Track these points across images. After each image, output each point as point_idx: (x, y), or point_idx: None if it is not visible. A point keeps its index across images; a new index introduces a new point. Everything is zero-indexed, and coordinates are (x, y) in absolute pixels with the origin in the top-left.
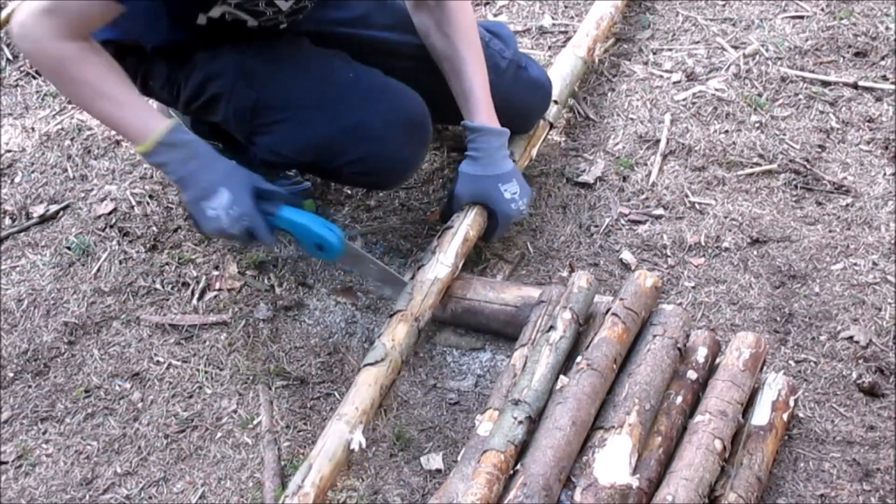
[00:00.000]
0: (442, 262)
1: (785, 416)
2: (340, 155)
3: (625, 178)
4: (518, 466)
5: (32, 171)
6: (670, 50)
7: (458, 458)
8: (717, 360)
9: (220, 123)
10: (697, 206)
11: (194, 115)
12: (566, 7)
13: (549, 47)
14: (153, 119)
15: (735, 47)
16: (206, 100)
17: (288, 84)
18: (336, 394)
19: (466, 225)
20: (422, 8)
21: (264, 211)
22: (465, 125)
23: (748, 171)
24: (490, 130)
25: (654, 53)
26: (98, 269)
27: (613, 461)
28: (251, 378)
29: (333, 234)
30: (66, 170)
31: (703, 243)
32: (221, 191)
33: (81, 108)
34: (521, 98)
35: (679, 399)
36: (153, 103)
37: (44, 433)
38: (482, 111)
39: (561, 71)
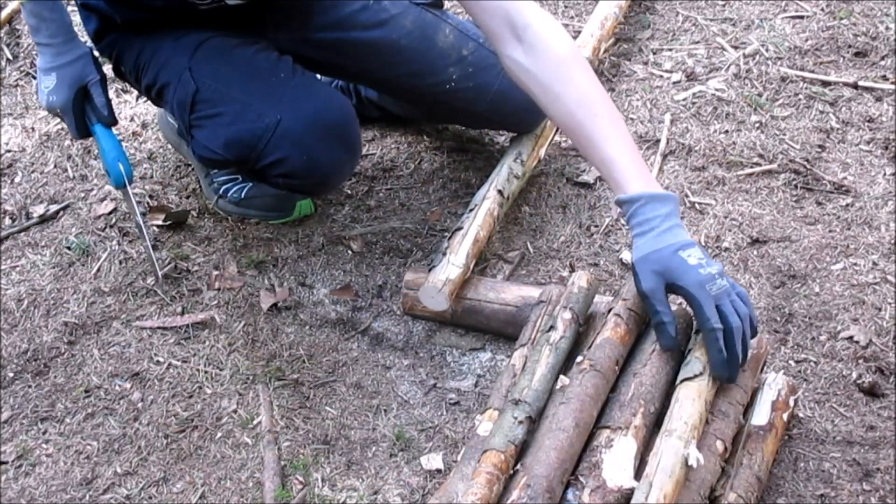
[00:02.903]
0: (453, 263)
1: (785, 416)
2: (263, 155)
3: None
4: (518, 466)
5: (32, 171)
6: (670, 50)
7: (458, 458)
8: None
9: (169, 113)
10: (697, 206)
11: (154, 103)
12: (566, 7)
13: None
14: None
15: (735, 47)
16: (158, 87)
17: (226, 80)
18: (336, 393)
19: (476, 226)
20: (521, 74)
21: (87, 114)
22: (619, 200)
23: (748, 171)
24: (650, 197)
25: (654, 53)
26: (98, 269)
27: (620, 464)
28: (251, 378)
29: (117, 173)
30: (66, 170)
31: (703, 243)
32: (52, 76)
33: None
34: (514, 97)
35: None
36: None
37: (44, 433)
38: (631, 178)
39: None
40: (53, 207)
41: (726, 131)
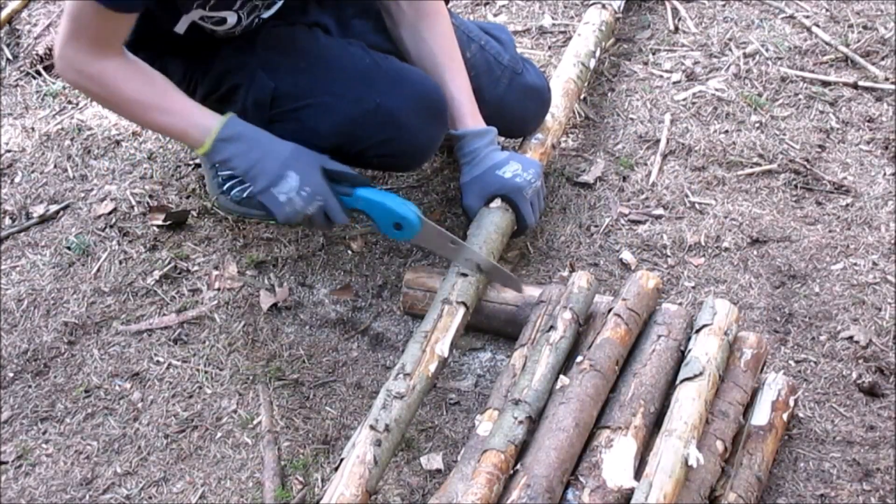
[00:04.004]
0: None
1: (785, 416)
2: (363, 139)
3: (625, 178)
4: (518, 466)
5: (32, 171)
6: (670, 50)
7: (458, 458)
8: None
9: (238, 114)
10: (697, 206)
11: (212, 108)
12: (566, 7)
13: (549, 47)
14: (206, 118)
15: (735, 47)
16: (224, 92)
17: (307, 72)
18: (336, 393)
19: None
20: (396, 14)
21: (337, 191)
22: (451, 134)
23: (748, 171)
24: (474, 133)
25: (654, 53)
26: (98, 269)
27: (620, 464)
28: (251, 378)
29: (412, 211)
30: (66, 170)
31: (703, 243)
32: (289, 174)
33: (137, 124)
34: (513, 105)
35: None
36: None
37: (44, 433)
38: (465, 116)
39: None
40: (53, 207)
41: (726, 131)
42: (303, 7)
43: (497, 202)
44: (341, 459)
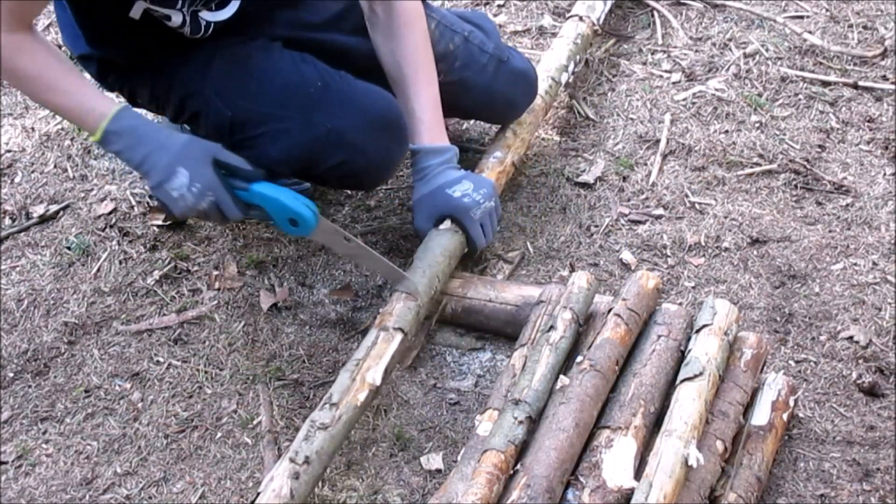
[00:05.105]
0: None
1: (785, 416)
2: (318, 163)
3: (625, 178)
4: (518, 466)
5: (32, 171)
6: (670, 50)
7: (458, 458)
8: None
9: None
10: (697, 206)
11: (186, 123)
12: (566, 7)
13: (549, 48)
14: (101, 104)
15: (735, 47)
16: (188, 117)
17: (259, 98)
18: None
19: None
20: (372, 20)
21: (232, 185)
22: (409, 149)
23: (748, 171)
24: (428, 150)
25: (654, 53)
26: (98, 269)
27: (620, 464)
28: (251, 378)
29: (307, 208)
30: (66, 170)
31: (703, 243)
32: (179, 170)
33: (35, 101)
34: (502, 93)
35: None
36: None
37: (44, 433)
38: (422, 132)
39: None
40: (53, 207)
41: (726, 131)
42: (269, 16)
43: (447, 223)
44: (258, 493)
